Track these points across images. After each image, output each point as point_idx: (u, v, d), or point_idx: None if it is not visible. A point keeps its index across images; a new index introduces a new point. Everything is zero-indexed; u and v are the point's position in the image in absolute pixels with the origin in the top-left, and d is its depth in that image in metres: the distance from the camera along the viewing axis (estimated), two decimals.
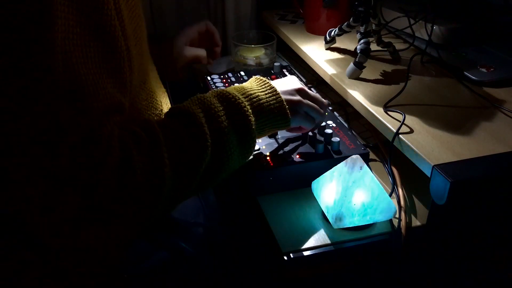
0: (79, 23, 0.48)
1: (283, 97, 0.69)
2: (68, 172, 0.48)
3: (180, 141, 0.57)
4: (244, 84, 0.71)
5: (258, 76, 0.72)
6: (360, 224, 0.69)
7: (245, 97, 0.66)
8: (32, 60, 0.45)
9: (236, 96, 0.64)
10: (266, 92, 0.68)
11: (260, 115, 0.66)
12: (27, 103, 0.46)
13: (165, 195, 0.55)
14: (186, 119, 0.59)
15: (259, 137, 0.69)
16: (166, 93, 0.82)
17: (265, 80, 0.71)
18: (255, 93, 0.67)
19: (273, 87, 0.70)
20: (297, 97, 0.72)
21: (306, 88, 0.74)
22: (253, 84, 0.70)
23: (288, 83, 0.74)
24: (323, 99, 0.77)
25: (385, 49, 0.99)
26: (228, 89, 0.66)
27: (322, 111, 0.75)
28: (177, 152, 0.56)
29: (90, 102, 0.49)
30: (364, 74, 0.91)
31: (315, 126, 0.77)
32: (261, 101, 0.67)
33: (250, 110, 0.64)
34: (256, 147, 0.78)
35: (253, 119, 0.64)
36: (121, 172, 0.51)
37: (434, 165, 0.64)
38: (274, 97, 0.68)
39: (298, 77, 1.10)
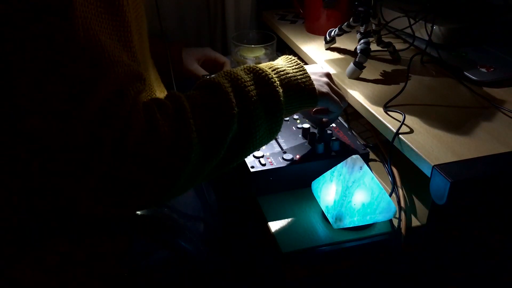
0: None
1: (311, 76, 0.70)
2: (94, 134, 0.48)
3: (206, 108, 0.57)
4: (272, 61, 0.71)
5: (285, 55, 0.73)
6: (360, 224, 0.69)
7: (272, 71, 0.66)
8: (55, 25, 0.46)
9: (263, 69, 0.64)
10: (293, 67, 0.69)
11: (287, 88, 0.65)
12: (51, 67, 0.47)
13: (192, 162, 0.54)
14: (212, 89, 0.59)
15: (287, 115, 0.69)
16: (165, 92, 0.82)
17: (293, 58, 0.71)
18: (282, 67, 0.67)
19: (301, 64, 0.70)
20: (325, 79, 0.73)
21: (331, 78, 0.76)
22: (280, 61, 0.71)
23: (316, 67, 0.75)
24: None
25: (385, 49, 0.99)
26: (256, 65, 0.67)
27: (345, 98, 0.77)
28: (203, 119, 0.56)
29: (111, 67, 0.50)
30: (364, 74, 0.91)
31: (333, 118, 0.78)
32: (288, 75, 0.67)
33: (277, 82, 0.64)
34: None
35: (280, 91, 0.64)
36: (146, 135, 0.50)
37: (434, 165, 0.64)
38: (301, 72, 0.68)
39: None
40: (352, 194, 0.67)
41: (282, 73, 0.66)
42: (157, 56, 0.85)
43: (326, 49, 1.06)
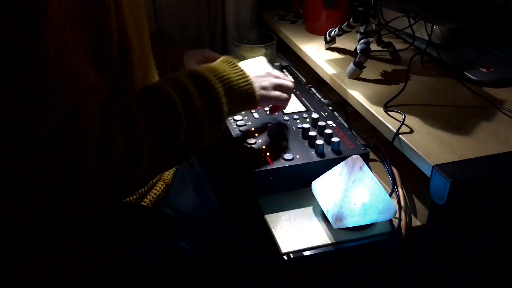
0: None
1: (254, 80, 0.72)
2: (53, 146, 0.49)
3: (157, 120, 0.59)
4: (215, 65, 0.71)
5: (227, 57, 0.74)
6: (360, 224, 0.69)
7: (217, 79, 0.67)
8: (24, 34, 0.46)
9: (208, 78, 0.66)
10: (237, 74, 0.71)
11: (230, 97, 0.68)
12: (13, 74, 0.47)
13: (143, 168, 0.57)
14: (162, 100, 0.61)
15: (229, 116, 0.75)
16: None
17: (234, 63, 0.73)
18: (226, 75, 0.69)
19: (243, 70, 0.72)
20: (267, 78, 0.77)
21: (272, 71, 0.79)
22: (223, 66, 0.71)
23: (257, 65, 0.78)
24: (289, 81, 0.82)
25: (385, 49, 0.99)
26: (201, 69, 0.68)
27: (289, 85, 0.80)
28: (154, 130, 0.58)
29: (73, 78, 0.50)
30: (364, 74, 0.91)
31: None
32: (232, 84, 0.69)
33: (222, 93, 0.66)
34: (256, 147, 0.79)
35: (224, 101, 0.66)
36: (101, 148, 0.52)
37: (434, 165, 0.64)
38: (244, 79, 0.71)
39: (298, 77, 1.10)
40: (352, 194, 0.67)
41: (226, 81, 0.68)
42: (158, 57, 0.85)
43: (326, 49, 1.06)
